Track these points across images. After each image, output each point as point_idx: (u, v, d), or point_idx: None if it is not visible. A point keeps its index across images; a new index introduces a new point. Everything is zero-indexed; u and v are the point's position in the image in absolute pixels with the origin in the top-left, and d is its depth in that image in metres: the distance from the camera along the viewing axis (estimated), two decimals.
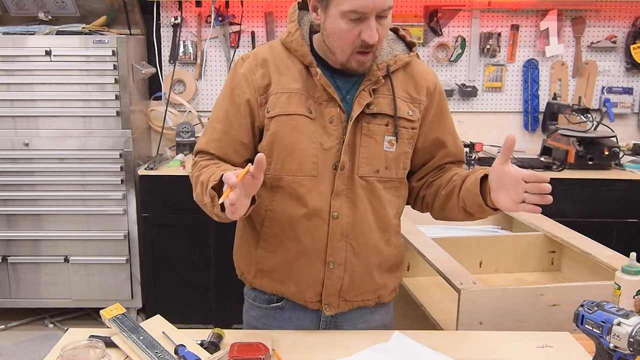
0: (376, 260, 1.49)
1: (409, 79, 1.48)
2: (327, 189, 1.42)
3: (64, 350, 1.23)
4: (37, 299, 3.39)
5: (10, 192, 3.25)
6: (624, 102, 3.69)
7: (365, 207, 1.44)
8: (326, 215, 1.42)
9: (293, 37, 1.43)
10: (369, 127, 1.43)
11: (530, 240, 2.20)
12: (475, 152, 3.23)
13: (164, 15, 3.57)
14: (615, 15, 3.59)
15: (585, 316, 1.18)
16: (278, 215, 1.44)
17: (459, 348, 1.40)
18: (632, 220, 3.14)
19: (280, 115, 1.41)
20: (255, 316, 1.57)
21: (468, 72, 3.65)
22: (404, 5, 3.54)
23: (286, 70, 1.43)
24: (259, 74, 1.43)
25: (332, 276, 1.45)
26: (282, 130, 1.41)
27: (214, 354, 1.31)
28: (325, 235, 1.42)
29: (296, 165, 1.41)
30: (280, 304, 1.52)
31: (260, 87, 1.42)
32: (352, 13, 1.29)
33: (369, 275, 1.48)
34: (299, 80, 1.42)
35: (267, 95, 1.42)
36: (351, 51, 1.35)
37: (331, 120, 1.41)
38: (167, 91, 3.54)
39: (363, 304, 1.52)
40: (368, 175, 1.43)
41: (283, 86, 1.42)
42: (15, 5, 3.38)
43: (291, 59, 1.44)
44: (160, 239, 3.22)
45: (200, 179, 1.36)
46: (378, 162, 1.44)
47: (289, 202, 1.43)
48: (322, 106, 1.41)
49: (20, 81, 3.16)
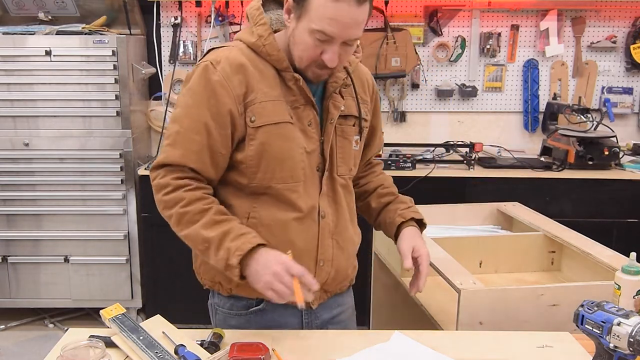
0: (353, 249, 1.59)
1: (358, 80, 1.55)
2: (315, 191, 1.46)
3: (64, 350, 1.23)
4: (37, 299, 3.40)
5: (10, 192, 3.26)
6: (624, 102, 3.69)
7: (343, 203, 1.52)
8: (316, 216, 1.46)
9: (266, 41, 1.38)
10: (343, 129, 1.49)
11: (530, 240, 2.19)
12: (475, 152, 3.23)
13: (164, 15, 3.57)
14: (615, 15, 3.59)
15: (585, 316, 1.19)
16: (266, 222, 1.42)
17: (459, 348, 1.40)
18: (632, 220, 3.14)
19: (268, 124, 1.37)
20: (235, 325, 1.51)
21: (468, 72, 3.65)
22: (404, 5, 3.54)
23: (262, 76, 1.38)
24: (236, 81, 1.36)
25: (322, 273, 1.49)
26: (271, 140, 1.38)
27: (214, 354, 1.31)
28: (316, 235, 1.46)
29: (287, 173, 1.41)
30: (261, 306, 1.50)
31: (240, 95, 1.36)
32: (319, 33, 1.30)
33: (349, 265, 1.58)
34: (275, 86, 1.39)
35: (245, 104, 1.36)
36: (309, 64, 1.37)
37: (310, 123, 1.43)
38: (167, 91, 3.54)
39: (339, 291, 1.60)
40: (344, 174, 1.52)
41: (265, 94, 1.37)
42: (15, 5, 3.38)
43: (262, 63, 1.40)
44: (160, 239, 3.22)
45: (212, 231, 1.34)
46: (351, 161, 1.53)
47: (276, 207, 1.42)
48: (299, 110, 1.42)
49: (20, 81, 3.16)
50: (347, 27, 1.29)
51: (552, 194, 3.12)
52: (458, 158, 3.29)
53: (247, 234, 1.34)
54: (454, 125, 3.72)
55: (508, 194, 2.83)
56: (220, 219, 1.36)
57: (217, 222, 1.35)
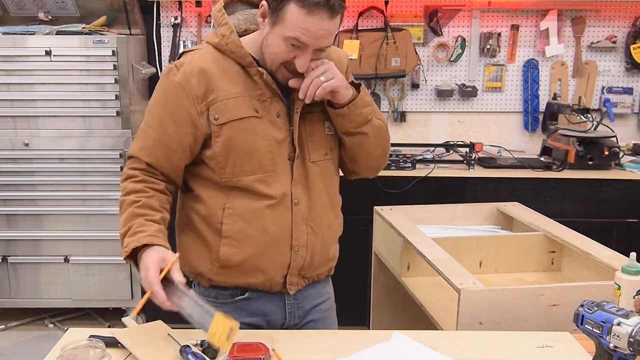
0: (330, 235, 1.59)
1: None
2: (286, 179, 1.49)
3: (64, 350, 1.24)
4: (37, 299, 3.39)
5: (10, 192, 3.25)
6: (624, 102, 3.69)
7: (320, 190, 1.54)
8: (289, 203, 1.49)
9: (229, 39, 1.45)
10: (311, 117, 1.52)
11: (530, 240, 2.20)
12: (475, 152, 3.23)
13: (164, 15, 3.57)
14: (615, 15, 3.59)
15: (585, 316, 1.19)
16: (240, 211, 1.47)
17: (459, 348, 1.40)
18: (632, 220, 3.14)
19: (232, 120, 1.44)
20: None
21: (468, 72, 3.65)
22: (404, 5, 3.54)
23: (224, 74, 1.45)
24: (194, 82, 1.43)
25: (297, 258, 1.52)
26: (236, 135, 1.44)
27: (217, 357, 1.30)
28: (290, 221, 1.49)
29: (255, 165, 1.46)
30: (246, 295, 1.55)
31: (198, 95, 1.44)
32: (293, 40, 1.35)
33: (325, 251, 1.58)
34: (239, 82, 1.45)
35: (207, 103, 1.44)
36: (280, 65, 1.41)
37: (278, 114, 1.48)
38: None
39: (317, 279, 1.62)
40: (320, 159, 1.53)
41: (226, 91, 1.44)
42: (15, 5, 3.38)
43: (227, 61, 1.46)
44: None
45: (125, 223, 1.46)
46: (324, 145, 1.54)
47: (249, 197, 1.47)
48: (266, 103, 1.47)
49: (20, 81, 3.16)
50: (319, 37, 1.35)
51: (552, 194, 3.12)
52: (458, 158, 3.29)
53: (141, 232, 1.40)
54: (454, 125, 3.72)
55: (508, 194, 2.83)
56: (138, 212, 1.45)
57: (134, 215, 1.45)
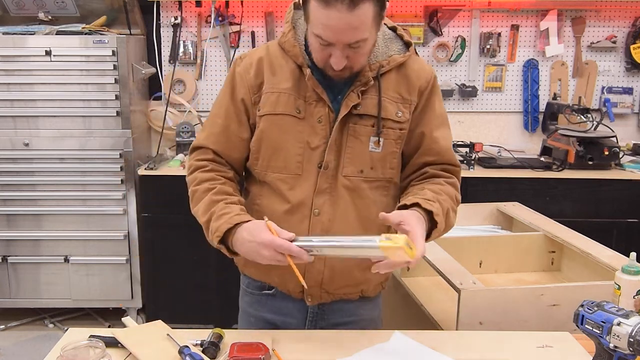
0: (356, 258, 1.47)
1: (402, 79, 1.48)
2: (309, 187, 1.45)
3: (64, 350, 1.23)
4: (37, 299, 3.39)
5: (10, 192, 3.25)
6: (624, 102, 3.69)
7: (347, 206, 1.47)
8: (308, 212, 1.46)
9: (286, 37, 1.47)
10: (355, 128, 1.45)
11: (530, 240, 2.20)
12: (475, 152, 3.23)
13: (164, 15, 3.57)
14: (615, 15, 3.59)
15: (585, 316, 1.19)
16: (264, 210, 1.48)
17: (459, 348, 1.40)
18: (632, 220, 3.14)
19: (269, 114, 1.46)
20: (248, 302, 1.63)
21: (468, 72, 3.65)
22: (404, 5, 3.54)
23: (279, 70, 1.47)
24: (252, 73, 1.48)
25: (312, 269, 1.48)
26: (269, 129, 1.46)
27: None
28: (307, 230, 1.45)
29: (281, 163, 1.46)
30: (272, 291, 1.57)
31: (254, 85, 1.47)
32: (319, 37, 1.32)
33: (348, 271, 1.51)
34: (290, 80, 1.45)
35: (260, 94, 1.47)
36: (325, 64, 1.38)
37: (320, 120, 1.44)
38: (167, 91, 3.54)
39: (346, 297, 1.55)
40: (352, 175, 1.47)
41: (273, 86, 1.46)
42: (15, 5, 3.38)
43: (285, 59, 1.47)
44: (160, 239, 3.22)
45: (207, 210, 1.41)
46: (363, 162, 1.46)
47: (273, 197, 1.48)
48: (311, 106, 1.45)
49: (20, 81, 3.16)
50: (340, 32, 1.28)
51: (552, 194, 3.12)
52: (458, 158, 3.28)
53: (226, 214, 1.38)
54: (454, 125, 3.67)
55: (508, 194, 2.83)
56: (217, 199, 1.43)
57: (213, 201, 1.43)
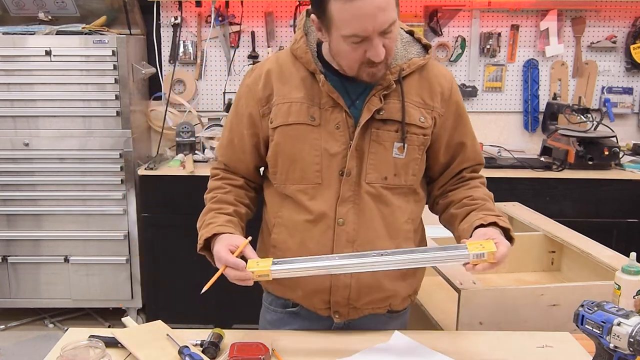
0: None
1: (424, 83, 1.45)
2: (332, 196, 1.41)
3: (64, 350, 1.23)
4: (37, 299, 3.39)
5: (10, 192, 3.25)
6: (624, 102, 3.69)
7: (373, 214, 1.42)
8: (332, 222, 1.41)
9: (298, 44, 1.43)
10: (378, 133, 1.41)
11: (530, 240, 2.19)
12: None
13: (164, 15, 3.57)
14: (615, 15, 3.59)
15: (585, 316, 1.18)
16: (286, 222, 1.45)
17: (459, 348, 1.40)
18: (632, 220, 3.14)
19: (282, 125, 1.42)
20: (270, 320, 1.58)
21: (468, 72, 3.65)
22: (404, 5, 3.54)
23: (289, 79, 1.43)
24: (261, 85, 1.45)
25: (339, 283, 1.43)
26: (283, 141, 1.43)
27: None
28: (331, 241, 1.41)
29: (299, 174, 1.42)
30: (296, 309, 1.52)
31: (262, 98, 1.45)
32: (353, 37, 1.28)
33: (377, 283, 1.45)
34: (302, 88, 1.42)
35: (269, 106, 1.44)
36: (359, 67, 1.34)
37: (337, 126, 1.40)
38: (167, 91, 3.54)
39: (374, 312, 1.50)
40: (376, 182, 1.42)
41: (284, 96, 1.43)
42: (15, 5, 3.38)
43: (296, 66, 1.44)
44: (160, 239, 3.22)
45: (201, 219, 1.46)
46: (386, 168, 1.42)
47: (295, 208, 1.44)
48: (327, 112, 1.40)
49: (20, 81, 3.15)
50: (373, 18, 1.24)
51: (552, 194, 3.11)
52: None
53: (211, 223, 1.41)
54: None
55: (508, 194, 2.82)
56: (212, 207, 1.46)
57: (208, 210, 1.47)
